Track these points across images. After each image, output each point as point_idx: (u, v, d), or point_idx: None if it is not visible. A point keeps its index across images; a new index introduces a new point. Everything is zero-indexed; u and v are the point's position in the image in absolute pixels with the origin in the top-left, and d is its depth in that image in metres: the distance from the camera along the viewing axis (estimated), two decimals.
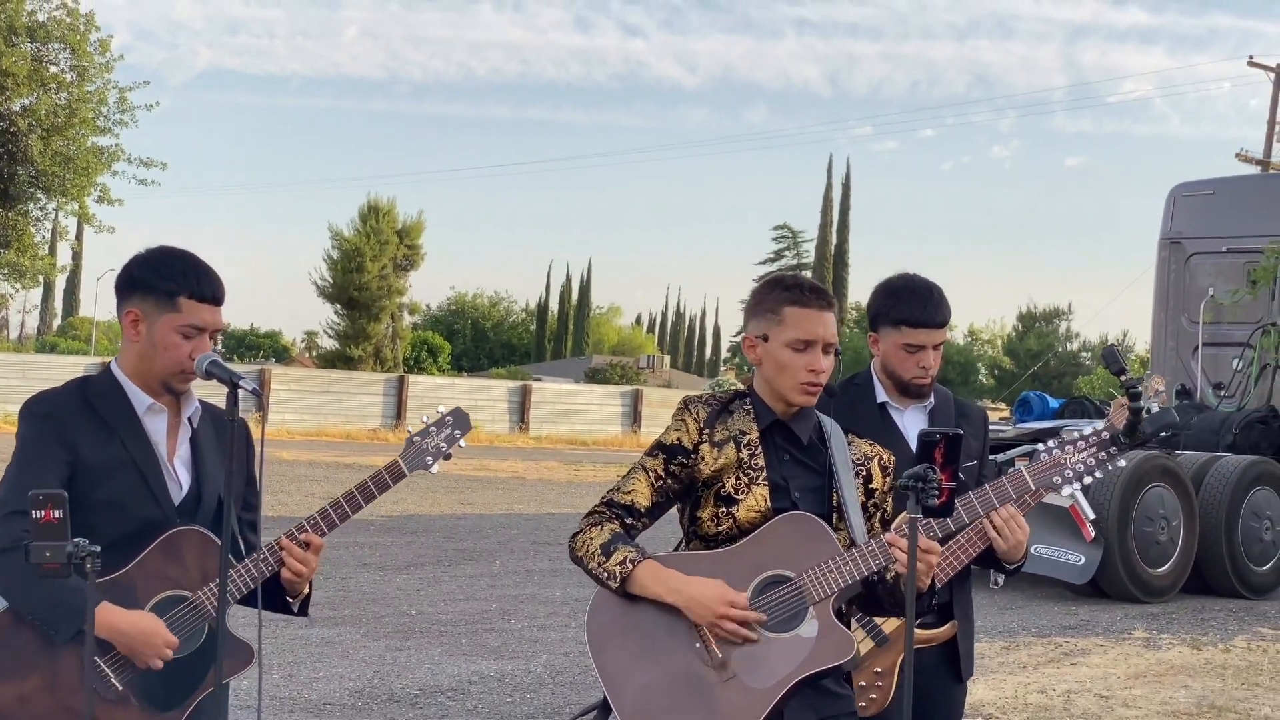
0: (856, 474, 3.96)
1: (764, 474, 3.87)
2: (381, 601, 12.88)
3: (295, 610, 4.10)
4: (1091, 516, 13.80)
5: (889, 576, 3.87)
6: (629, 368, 68.57)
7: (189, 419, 3.93)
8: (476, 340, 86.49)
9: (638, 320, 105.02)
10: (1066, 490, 4.16)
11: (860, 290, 77.55)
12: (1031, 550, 13.19)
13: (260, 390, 3.73)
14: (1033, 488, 4.15)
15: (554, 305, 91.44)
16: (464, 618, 12.11)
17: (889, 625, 4.73)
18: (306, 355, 76.51)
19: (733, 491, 3.86)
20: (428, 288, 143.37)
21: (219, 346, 3.94)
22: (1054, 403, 18.77)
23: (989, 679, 10.25)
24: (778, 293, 3.93)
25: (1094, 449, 4.13)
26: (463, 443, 4.14)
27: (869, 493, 3.97)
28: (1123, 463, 4.30)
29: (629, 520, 3.93)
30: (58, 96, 19.26)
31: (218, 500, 3.83)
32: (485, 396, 47.10)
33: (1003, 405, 44.22)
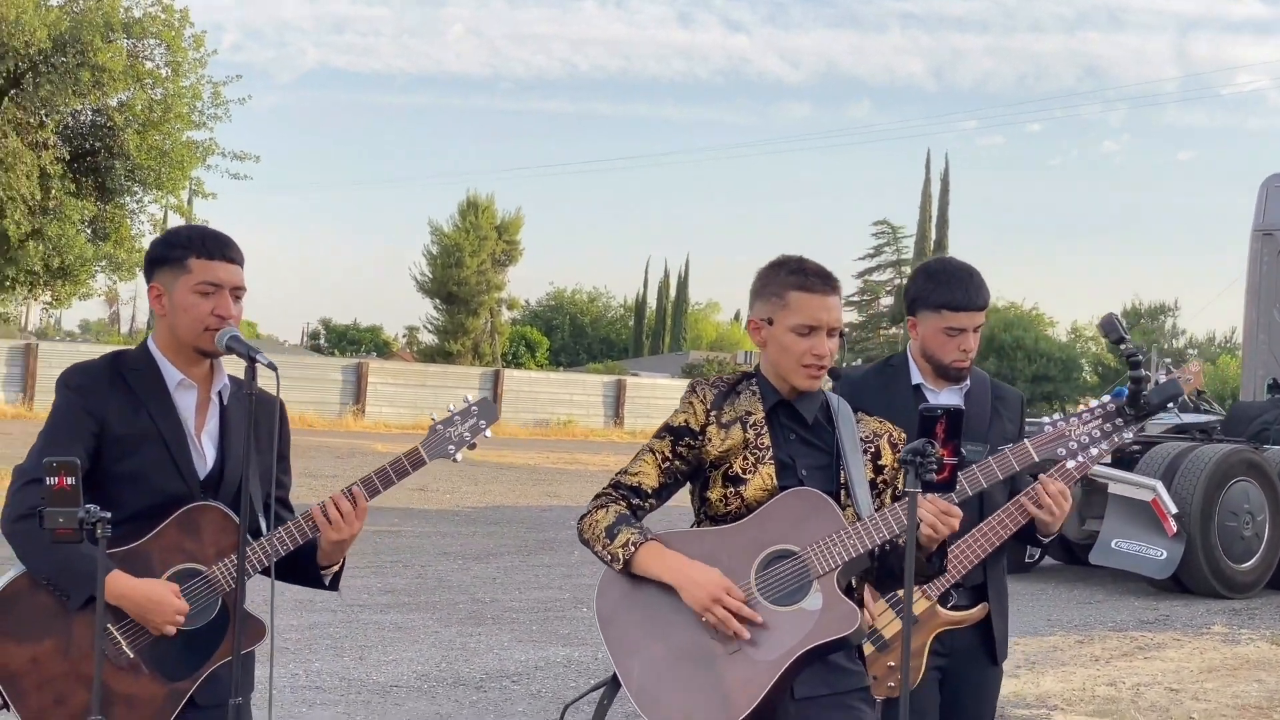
0: (865, 451, 3.96)
1: (770, 453, 3.89)
2: (457, 589, 13.00)
3: (327, 584, 4.14)
4: (1174, 511, 13.65)
5: (901, 545, 3.85)
6: (726, 363, 68.48)
7: (218, 394, 4.00)
8: (575, 335, 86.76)
9: (736, 316, 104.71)
10: (1071, 464, 4.12)
11: None
12: (1112, 544, 13.12)
13: (276, 365, 3.79)
14: (1035, 459, 4.11)
15: (652, 301, 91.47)
16: (536, 605, 12.19)
17: (918, 606, 4.72)
18: (407, 350, 77.07)
19: (740, 471, 3.89)
20: (526, 283, 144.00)
21: (239, 314, 3.97)
22: None
23: (1059, 671, 10.18)
24: (783, 276, 3.94)
25: (1099, 420, 4.09)
26: (488, 433, 4.17)
27: (878, 469, 3.97)
28: (1129, 435, 4.24)
29: (635, 501, 3.97)
30: (153, 92, 19.62)
31: (243, 477, 3.89)
32: (580, 391, 47.35)
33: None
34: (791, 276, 3.92)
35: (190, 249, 3.89)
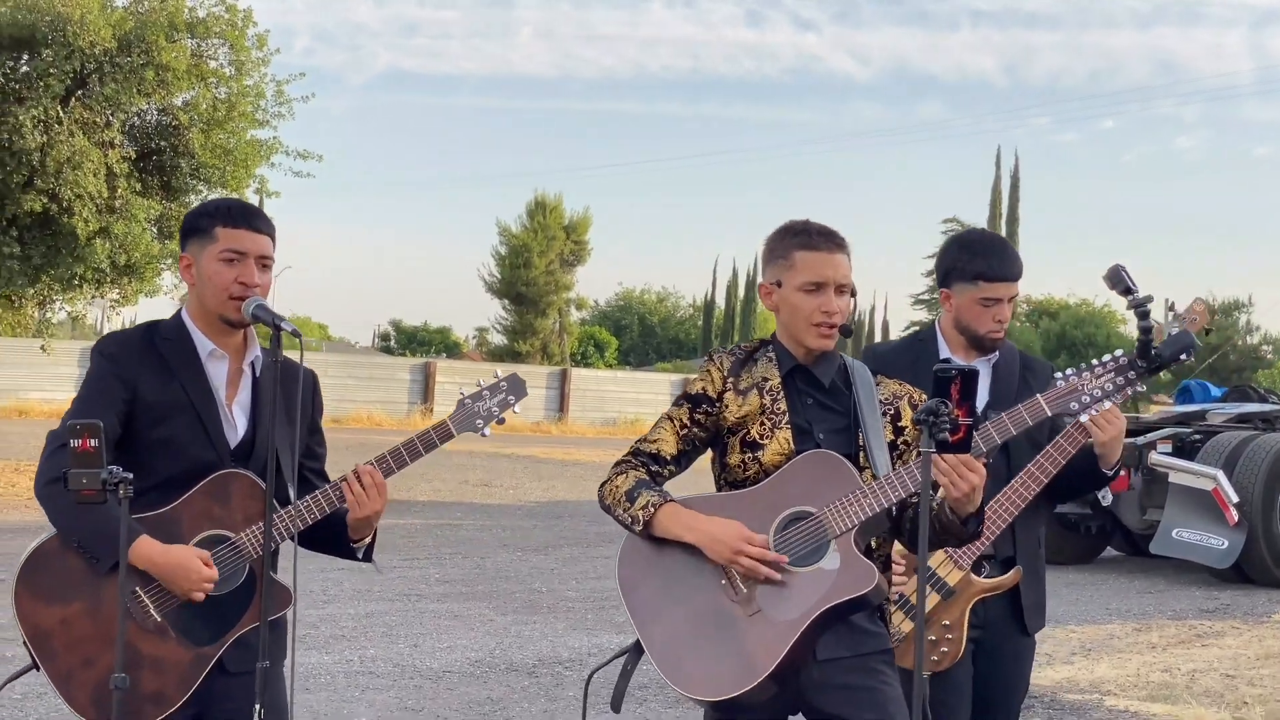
0: (884, 414, 3.97)
1: (787, 418, 3.91)
2: (514, 579, 13.07)
3: (359, 556, 4.17)
4: (1235, 500, 13.52)
5: (934, 504, 3.81)
6: None
7: (250, 365, 4.05)
8: (644, 335, 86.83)
9: None
10: (1085, 417, 4.09)
11: (1030, 284, 76.42)
12: (1173, 534, 13.02)
13: (300, 332, 3.83)
14: (1048, 414, 4.08)
15: (720, 301, 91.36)
16: (593, 595, 12.23)
17: (953, 577, 4.71)
18: (476, 351, 77.40)
19: (758, 437, 3.91)
20: (595, 283, 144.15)
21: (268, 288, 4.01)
22: (1216, 391, 18.36)
23: (1114, 658, 10.12)
24: (788, 239, 3.97)
25: (1111, 374, 4.05)
26: (517, 408, 4.21)
27: (898, 431, 3.97)
28: (1143, 388, 4.21)
29: (654, 468, 4.01)
30: (217, 90, 19.81)
31: (269, 442, 3.92)
32: (648, 390, 47.42)
33: (1167, 399, 43.21)
34: (796, 238, 3.95)
35: (216, 218, 3.94)
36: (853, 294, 3.96)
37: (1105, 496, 13.66)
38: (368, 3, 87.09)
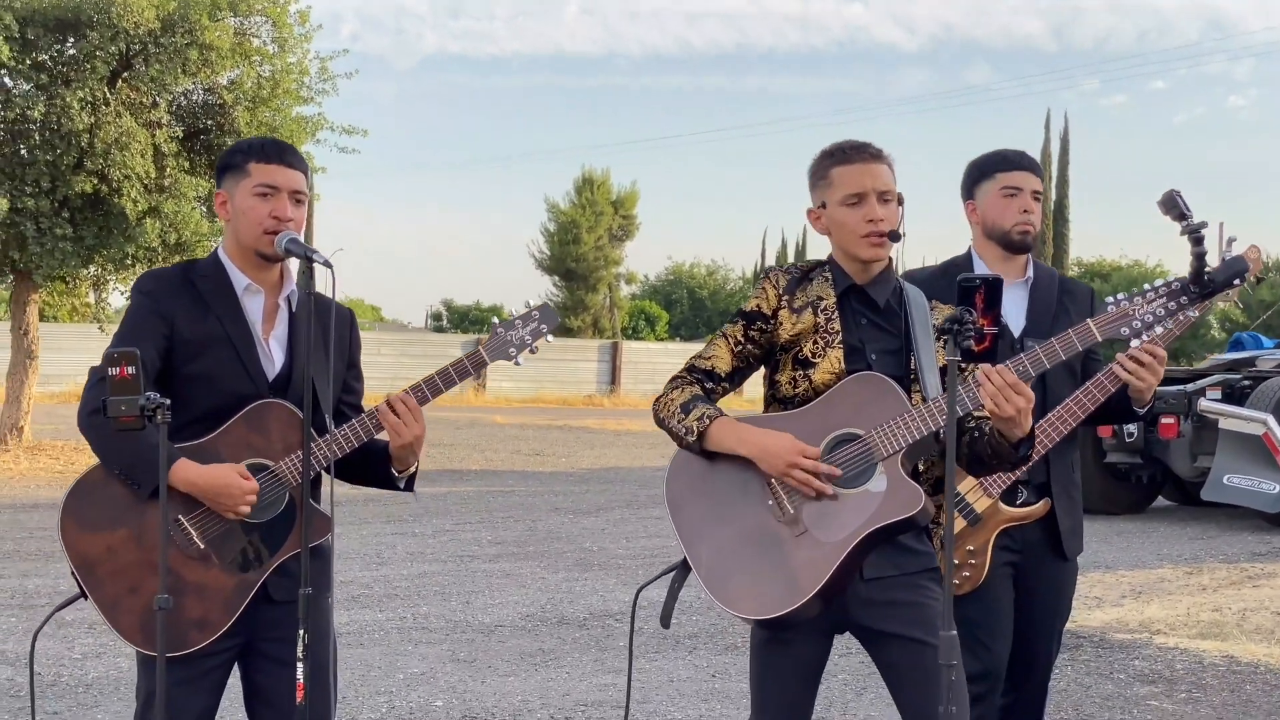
0: (937, 337, 3.99)
1: (839, 337, 3.92)
2: (565, 539, 13.16)
3: (401, 485, 4.22)
4: None
5: (986, 429, 3.85)
6: None
7: (286, 300, 4.11)
8: (694, 309, 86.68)
9: None
10: (1135, 343, 4.06)
11: (1082, 247, 75.81)
12: (1224, 480, 12.95)
13: (331, 264, 3.90)
14: (1098, 339, 4.05)
15: None
16: (643, 552, 12.31)
17: (981, 504, 4.73)
18: None
19: (810, 355, 3.93)
20: (645, 258, 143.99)
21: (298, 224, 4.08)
22: (1269, 343, 18.24)
23: (1164, 599, 10.12)
24: (824, 160, 4.00)
25: (1164, 299, 4.00)
26: (549, 337, 4.24)
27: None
28: (1194, 313, 4.18)
29: (709, 385, 4.04)
30: (261, 69, 19.92)
31: (305, 369, 3.98)
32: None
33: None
34: (830, 157, 3.97)
35: (250, 154, 4.01)
36: (900, 202, 3.97)
37: (1132, 433, 13.66)
38: None
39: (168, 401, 3.54)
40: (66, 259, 18.73)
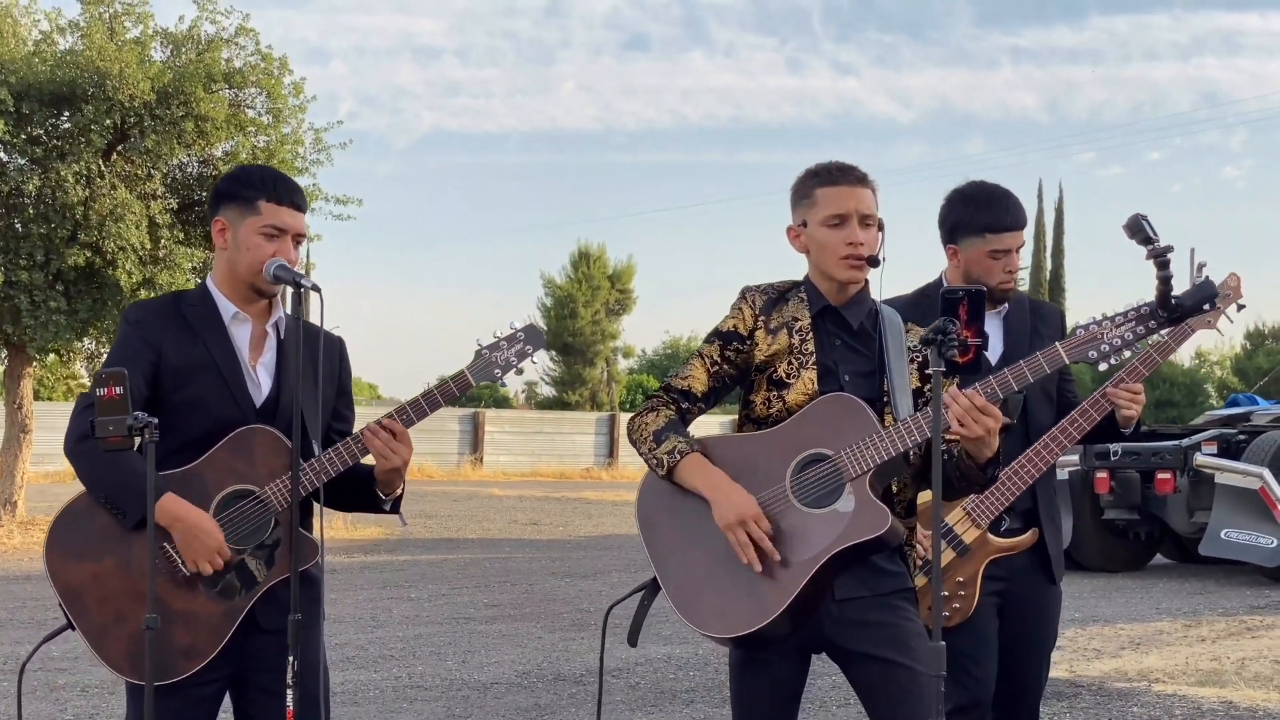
0: (911, 360, 3.99)
1: (813, 358, 3.93)
2: (562, 601, 13.10)
3: (386, 508, 4.19)
4: None
5: (955, 451, 3.85)
6: None
7: (274, 325, 4.10)
8: None
9: None
10: (1103, 366, 4.06)
11: (1078, 313, 75.94)
12: (1221, 534, 12.98)
13: (320, 287, 3.90)
14: (1066, 361, 4.06)
15: None
16: None
17: (969, 535, 4.72)
18: (526, 405, 77.50)
19: (784, 376, 3.94)
20: (641, 331, 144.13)
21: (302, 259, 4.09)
22: (1264, 404, 18.27)
23: (1163, 650, 10.07)
24: (809, 179, 4.01)
25: (1132, 323, 4.01)
26: (535, 358, 4.23)
27: (924, 379, 3.97)
28: (1162, 337, 4.20)
29: (685, 405, 4.06)
30: (256, 140, 20.00)
31: (295, 394, 3.97)
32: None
33: None
34: (815, 177, 3.99)
35: (262, 191, 4.00)
36: (880, 227, 3.98)
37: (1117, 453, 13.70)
38: (410, 65, 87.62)
39: (155, 420, 3.54)
40: (60, 332, 18.72)
